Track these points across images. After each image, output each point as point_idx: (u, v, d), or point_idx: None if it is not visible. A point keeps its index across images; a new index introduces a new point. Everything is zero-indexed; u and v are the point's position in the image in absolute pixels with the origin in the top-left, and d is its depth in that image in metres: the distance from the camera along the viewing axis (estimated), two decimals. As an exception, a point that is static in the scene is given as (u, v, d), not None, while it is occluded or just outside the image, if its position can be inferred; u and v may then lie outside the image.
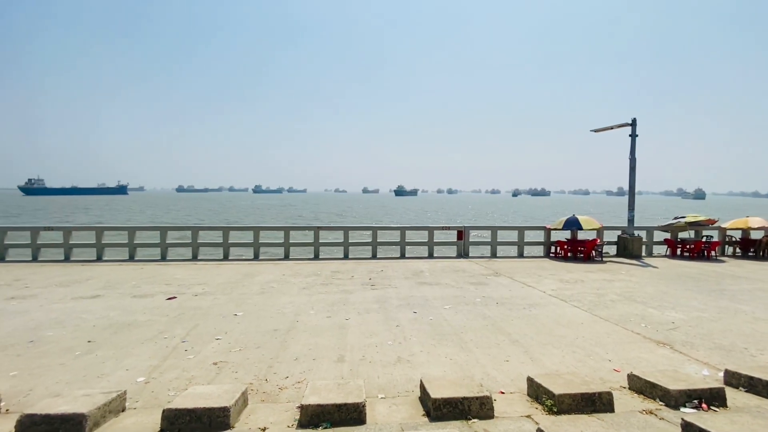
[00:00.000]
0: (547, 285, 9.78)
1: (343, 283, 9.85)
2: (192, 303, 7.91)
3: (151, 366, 4.95)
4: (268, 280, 10.10)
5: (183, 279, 10.22)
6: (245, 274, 10.95)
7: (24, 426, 3.28)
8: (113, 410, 3.63)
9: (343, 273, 11.11)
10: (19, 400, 4.06)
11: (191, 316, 7.05)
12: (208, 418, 3.34)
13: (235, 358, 5.22)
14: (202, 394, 3.60)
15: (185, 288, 9.21)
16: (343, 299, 8.24)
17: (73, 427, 3.26)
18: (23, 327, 6.41)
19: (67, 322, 6.65)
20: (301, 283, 9.75)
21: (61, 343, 5.71)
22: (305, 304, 7.88)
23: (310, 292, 8.89)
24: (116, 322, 6.67)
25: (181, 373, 4.76)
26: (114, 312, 7.27)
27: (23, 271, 11.14)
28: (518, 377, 4.66)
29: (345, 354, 5.39)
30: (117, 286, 9.43)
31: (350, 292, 8.90)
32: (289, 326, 6.51)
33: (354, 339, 5.95)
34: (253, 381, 4.54)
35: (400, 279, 10.31)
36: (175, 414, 3.33)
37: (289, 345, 5.69)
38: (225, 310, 7.44)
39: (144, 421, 3.53)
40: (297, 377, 4.67)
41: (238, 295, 8.61)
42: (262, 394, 4.24)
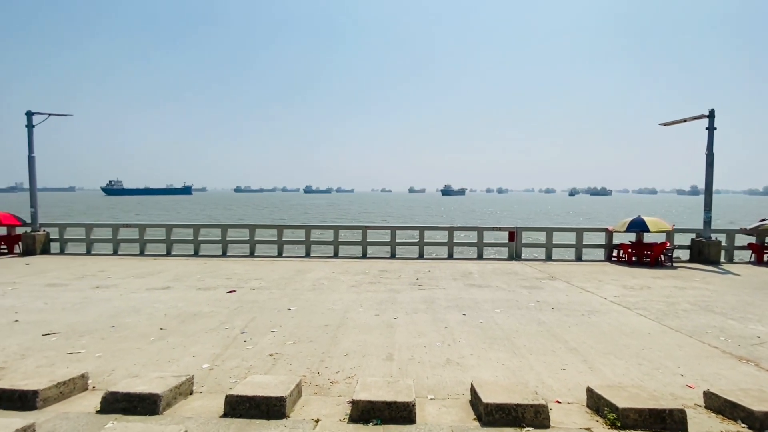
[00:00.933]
0: (609, 291, 9.14)
1: (390, 282, 9.91)
2: (250, 297, 8.38)
3: (214, 354, 5.32)
4: (319, 277, 10.43)
5: (241, 274, 10.87)
6: (298, 270, 11.40)
7: (108, 402, 3.68)
8: (183, 393, 3.95)
9: (390, 272, 11.18)
10: (104, 379, 4.55)
11: (249, 308, 7.48)
12: (266, 407, 3.52)
13: (289, 350, 5.46)
14: (260, 383, 3.81)
15: (243, 282, 9.78)
16: (390, 298, 8.29)
17: (149, 406, 3.60)
18: (107, 313, 7.17)
19: (142, 311, 7.34)
20: (349, 281, 9.96)
21: (138, 329, 6.31)
22: (354, 301, 8.03)
23: (358, 290, 9.05)
24: (184, 312, 7.25)
25: (241, 362, 5.07)
26: (182, 303, 7.90)
27: (106, 263, 12.48)
28: (576, 387, 4.40)
29: (393, 353, 5.42)
30: (184, 278, 10.25)
31: (398, 291, 8.93)
32: (339, 323, 6.68)
33: (402, 338, 5.97)
34: (306, 374, 4.72)
35: (448, 280, 10.17)
36: (236, 400, 3.55)
37: (340, 341, 5.84)
38: (279, 304, 7.80)
39: (209, 405, 3.80)
40: (347, 372, 4.78)
41: (292, 290, 8.99)
42: (315, 387, 4.39)
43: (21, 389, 3.70)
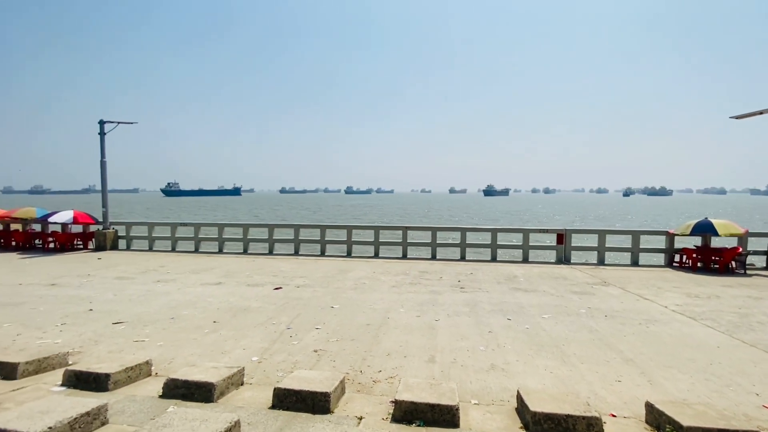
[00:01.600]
0: (670, 299, 8.45)
1: (431, 283, 9.83)
2: (295, 294, 8.67)
3: (262, 348, 5.57)
4: (360, 277, 10.57)
5: (287, 272, 11.28)
6: (340, 269, 11.63)
7: (169, 388, 3.96)
8: (234, 383, 4.17)
9: (431, 273, 11.09)
10: (165, 366, 4.91)
11: (294, 305, 7.74)
12: (312, 401, 3.62)
13: (332, 347, 5.58)
14: (306, 378, 3.93)
15: (289, 280, 10.14)
16: (432, 300, 8.22)
17: (205, 394, 3.83)
18: (167, 306, 7.73)
19: (197, 304, 7.84)
20: (390, 282, 10.00)
21: (194, 322, 6.75)
22: (395, 302, 8.05)
23: (399, 290, 9.06)
24: (234, 307, 7.64)
25: (287, 356, 5.26)
26: (233, 297, 8.34)
27: (166, 259, 13.46)
28: (633, 401, 4.12)
29: (435, 355, 5.37)
30: (234, 275, 10.81)
31: (439, 293, 8.84)
32: (381, 322, 6.72)
33: (444, 341, 5.90)
34: (349, 371, 4.80)
35: (492, 283, 9.90)
36: (284, 393, 3.69)
37: (381, 340, 5.88)
38: (323, 302, 8.00)
39: (259, 396, 3.98)
40: (389, 372, 4.80)
41: (334, 289, 9.19)
42: (358, 385, 4.45)
43: (95, 372, 4.09)
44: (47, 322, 6.60)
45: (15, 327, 6.37)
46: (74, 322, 6.63)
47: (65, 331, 6.21)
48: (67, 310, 7.35)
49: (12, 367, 4.33)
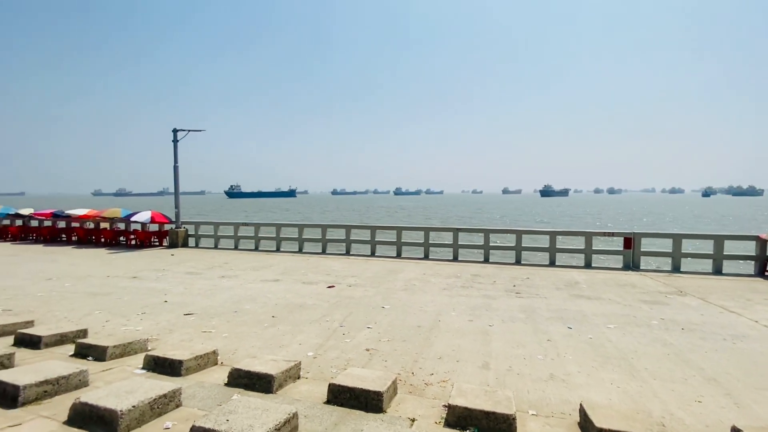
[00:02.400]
0: (762, 312, 7.46)
1: (484, 287, 9.55)
2: (346, 293, 8.87)
3: (317, 344, 5.76)
4: (410, 278, 10.55)
5: (339, 271, 11.57)
6: (390, 270, 11.70)
7: (233, 377, 4.23)
8: (292, 376, 4.35)
9: (483, 277, 10.78)
10: (229, 357, 5.25)
11: (346, 304, 7.91)
12: (365, 399, 3.68)
13: (384, 347, 5.63)
14: (359, 375, 3.99)
15: (341, 279, 10.40)
16: (485, 304, 7.99)
17: (265, 385, 4.04)
18: (230, 300, 8.27)
19: (257, 299, 8.30)
20: (441, 284, 9.87)
21: (254, 316, 7.15)
22: (446, 305, 7.93)
23: (450, 293, 8.92)
24: (291, 303, 7.99)
25: (340, 353, 5.39)
26: (289, 294, 8.73)
27: (229, 257, 14.42)
28: (716, 424, 3.69)
29: (489, 361, 5.20)
30: (291, 272, 11.31)
31: (493, 297, 8.56)
32: (432, 325, 6.66)
33: (499, 347, 5.70)
34: (401, 372, 4.80)
35: (550, 289, 9.39)
36: (338, 389, 3.78)
37: (433, 343, 5.82)
38: (373, 302, 8.10)
39: (314, 390, 4.12)
40: (441, 376, 4.73)
41: (385, 289, 9.26)
42: (409, 386, 4.44)
43: (171, 358, 4.49)
44: (130, 311, 7.36)
45: (104, 314, 7.18)
46: (152, 312, 7.32)
47: (145, 319, 6.89)
48: (146, 300, 8.15)
49: (102, 349, 4.89)
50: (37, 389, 3.58)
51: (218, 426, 2.84)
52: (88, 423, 3.15)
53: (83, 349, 4.98)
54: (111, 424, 3.06)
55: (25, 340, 5.32)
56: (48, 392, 3.65)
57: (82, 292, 8.87)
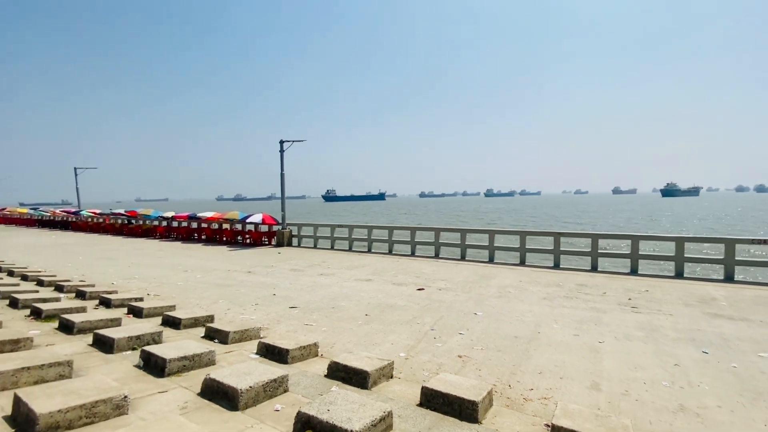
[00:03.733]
0: None
1: (592, 299, 8.59)
2: (437, 296, 8.79)
3: (408, 345, 5.81)
4: (505, 285, 10.01)
5: (428, 274, 11.54)
6: (481, 275, 11.27)
7: (332, 369, 4.49)
8: (385, 375, 4.45)
9: (591, 287, 9.70)
10: (327, 350, 5.59)
11: (437, 308, 7.84)
12: (459, 407, 3.58)
13: (477, 355, 5.42)
14: (452, 382, 3.90)
15: (430, 282, 10.35)
16: (593, 318, 7.17)
17: (361, 380, 4.20)
18: (328, 296, 8.84)
19: (352, 297, 8.71)
20: (540, 293, 9.16)
21: (349, 313, 7.52)
22: (547, 315, 7.33)
23: (551, 303, 8.21)
24: (382, 303, 8.21)
25: (432, 357, 5.35)
26: (381, 294, 8.98)
27: (326, 256, 15.45)
28: None
29: (600, 382, 4.65)
30: (381, 273, 11.64)
31: (603, 311, 7.64)
32: (530, 336, 6.21)
33: (611, 367, 5.06)
34: (496, 383, 4.57)
35: (677, 305, 8.04)
36: (432, 393, 3.75)
37: (532, 356, 5.42)
38: (465, 307, 7.88)
39: (407, 391, 4.15)
40: (542, 392, 4.37)
41: (477, 295, 8.94)
42: (506, 399, 4.20)
43: (279, 347, 4.95)
44: (246, 302, 8.35)
45: (226, 303, 8.26)
46: (263, 304, 8.20)
47: (257, 310, 7.74)
48: (258, 293, 9.16)
49: (225, 334, 5.62)
50: (179, 363, 4.27)
51: (320, 414, 3.03)
52: (216, 396, 3.64)
53: (211, 332, 5.79)
54: (233, 400, 3.49)
55: (169, 321, 6.40)
56: (186, 366, 4.32)
57: (209, 283, 10.36)
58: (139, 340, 5.08)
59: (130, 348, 4.98)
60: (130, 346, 4.99)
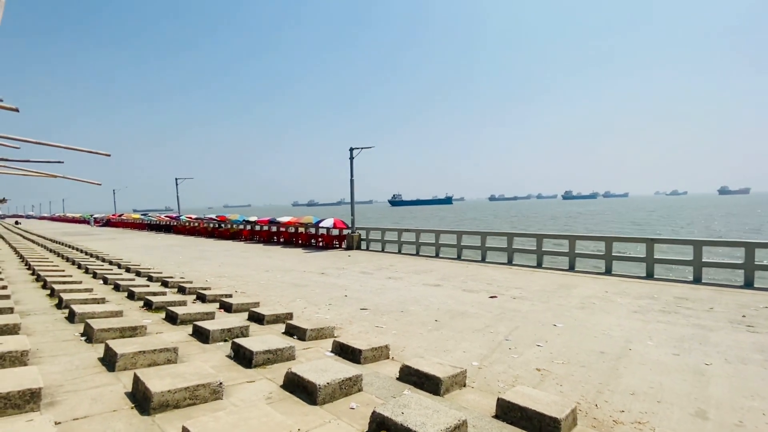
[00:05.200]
0: None
1: (695, 314, 7.54)
2: (511, 305, 8.40)
3: (481, 354, 5.63)
4: (588, 295, 9.22)
5: (500, 281, 11.08)
6: (560, 284, 10.51)
7: (404, 373, 4.52)
8: (458, 383, 4.37)
9: (694, 301, 8.52)
10: (398, 353, 5.65)
11: (511, 317, 7.49)
12: (539, 423, 3.38)
13: (558, 370, 5.07)
14: (530, 395, 3.70)
15: (503, 290, 9.92)
16: (697, 336, 6.29)
17: (433, 386, 4.17)
18: (397, 300, 8.93)
19: (421, 302, 8.70)
20: (630, 305, 8.28)
21: (419, 317, 7.51)
22: (639, 331, 6.60)
23: (644, 318, 7.37)
24: (452, 309, 8.07)
25: (507, 368, 5.12)
26: (450, 300, 8.84)
27: (394, 260, 15.64)
28: None
29: (707, 409, 4.06)
30: (450, 279, 11.45)
31: (709, 329, 6.67)
32: (620, 353, 5.64)
33: (721, 393, 4.39)
34: (580, 401, 4.23)
35: (810, 326, 6.72)
36: (508, 406, 3.59)
37: (622, 375, 4.91)
38: (543, 318, 7.41)
39: (482, 402, 4.02)
40: (636, 416, 3.94)
41: (555, 305, 8.36)
42: (593, 420, 3.86)
43: (353, 346, 5.13)
44: (320, 301, 8.79)
45: (302, 302, 8.77)
46: (336, 304, 8.56)
47: (331, 310, 8.10)
48: (331, 294, 9.58)
49: (303, 331, 5.97)
50: (264, 356, 4.64)
51: (395, 417, 3.08)
52: (296, 390, 3.89)
53: (290, 329, 6.19)
54: (312, 395, 3.70)
55: (254, 316, 6.98)
56: (270, 359, 4.68)
57: (287, 282, 11.10)
58: (229, 332, 5.62)
59: (222, 339, 5.52)
60: (222, 338, 5.54)
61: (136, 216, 48.16)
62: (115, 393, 3.69)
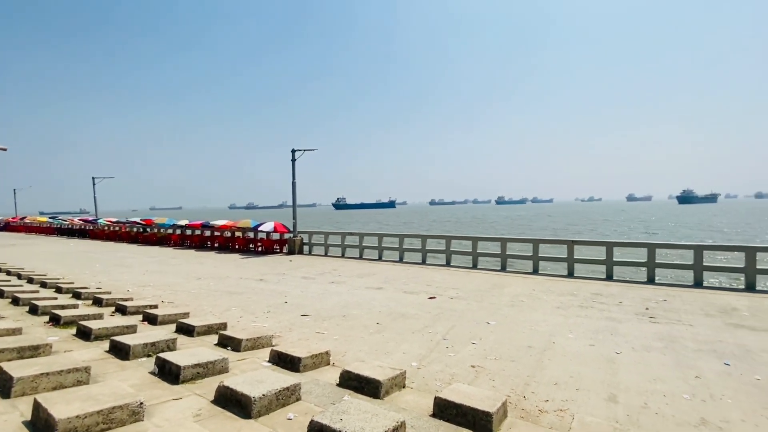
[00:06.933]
0: None
1: (607, 308, 8.41)
2: (448, 305, 8.72)
3: (420, 354, 5.76)
4: (517, 293, 9.88)
5: (439, 282, 11.46)
6: (494, 284, 11.14)
7: (344, 378, 4.47)
8: (397, 384, 4.42)
9: (606, 296, 9.51)
10: (339, 358, 5.57)
11: (448, 317, 7.77)
12: (473, 418, 3.53)
13: (491, 365, 5.35)
14: (465, 392, 3.85)
15: (442, 290, 10.28)
16: (609, 328, 7.02)
17: (373, 390, 4.18)
18: (339, 305, 8.83)
19: (363, 305, 8.69)
20: (554, 302, 9.01)
21: (361, 321, 7.50)
22: (561, 325, 7.20)
23: (566, 313, 8.07)
24: (393, 311, 8.17)
25: (444, 367, 5.29)
26: (392, 303, 8.95)
27: (337, 264, 15.48)
28: None
29: (617, 394, 4.53)
30: (392, 281, 11.60)
31: (618, 321, 7.48)
32: (545, 346, 6.10)
33: (629, 378, 4.93)
34: (510, 394, 4.49)
35: (697, 315, 7.82)
36: (445, 404, 3.70)
37: (546, 366, 5.32)
38: (477, 316, 7.79)
39: (420, 401, 4.11)
40: (558, 404, 4.28)
41: (489, 304, 8.84)
42: (521, 411, 4.12)
43: (292, 355, 4.96)
44: (258, 309, 8.40)
45: (238, 311, 8.32)
46: (275, 311, 8.24)
47: (269, 317, 7.78)
48: (270, 301, 9.20)
49: (238, 341, 5.65)
50: (193, 370, 4.31)
51: (333, 424, 3.02)
52: (229, 404, 3.66)
53: (224, 339, 5.83)
54: (246, 408, 3.51)
55: (183, 328, 6.47)
56: (200, 374, 4.36)
57: (222, 290, 10.47)
58: (154, 347, 5.15)
59: (146, 355, 5.04)
60: (146, 353, 5.05)
61: (42, 219, 42.37)
62: (9, 423, 3.19)
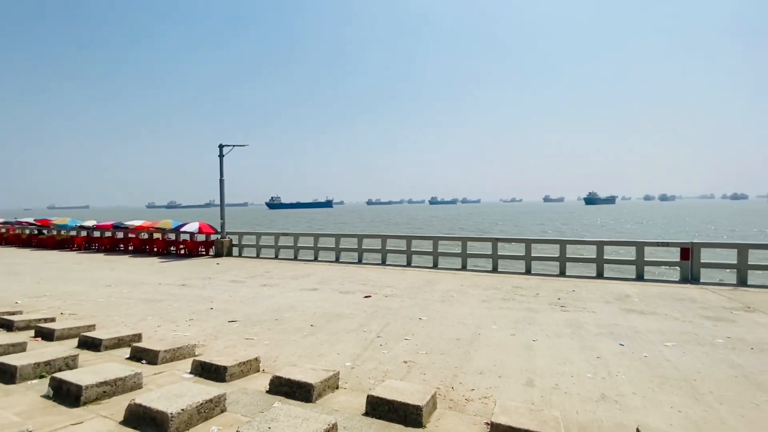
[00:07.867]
0: None
1: (526, 300, 9.18)
2: (383, 303, 8.85)
3: (354, 354, 5.76)
4: (448, 289, 10.36)
5: (375, 281, 11.59)
6: (426, 281, 11.56)
7: (274, 384, 4.31)
8: (330, 386, 4.37)
9: (525, 289, 10.37)
10: (270, 364, 5.37)
11: (383, 315, 7.88)
12: (404, 412, 3.61)
13: (422, 360, 5.53)
14: (397, 388, 3.94)
15: (377, 289, 10.40)
16: (527, 318, 7.66)
17: (305, 393, 4.08)
18: (271, 308, 8.50)
19: (297, 308, 8.47)
20: (480, 296, 9.60)
21: (294, 324, 7.29)
22: (486, 317, 7.69)
23: (490, 305, 8.64)
24: (328, 312, 8.08)
25: (378, 365, 5.35)
26: (327, 303, 8.84)
27: (270, 265, 14.89)
28: (804, 462, 3.26)
29: (534, 378, 4.96)
30: (328, 282, 11.47)
31: (535, 311, 8.20)
32: (471, 338, 6.47)
33: (543, 363, 5.43)
34: (440, 386, 4.69)
35: (598, 302, 8.86)
36: (376, 401, 3.74)
37: (473, 357, 5.64)
38: (410, 313, 8.01)
39: (353, 401, 4.10)
40: (483, 392, 4.57)
41: (422, 300, 9.14)
42: (449, 401, 4.32)
43: (216, 364, 4.66)
44: (179, 317, 7.76)
45: (156, 320, 7.61)
46: (199, 318, 7.67)
47: (192, 325, 7.23)
48: (194, 307, 8.55)
49: (154, 354, 5.17)
50: (97, 389, 3.83)
51: (261, 433, 2.89)
52: (142, 424, 3.32)
53: (138, 352, 5.29)
54: (162, 426, 3.21)
55: (88, 342, 5.74)
56: (107, 392, 3.90)
57: (137, 298, 9.48)
58: (48, 366, 4.49)
59: (38, 376, 4.38)
60: (38, 374, 4.39)
61: None
62: None
